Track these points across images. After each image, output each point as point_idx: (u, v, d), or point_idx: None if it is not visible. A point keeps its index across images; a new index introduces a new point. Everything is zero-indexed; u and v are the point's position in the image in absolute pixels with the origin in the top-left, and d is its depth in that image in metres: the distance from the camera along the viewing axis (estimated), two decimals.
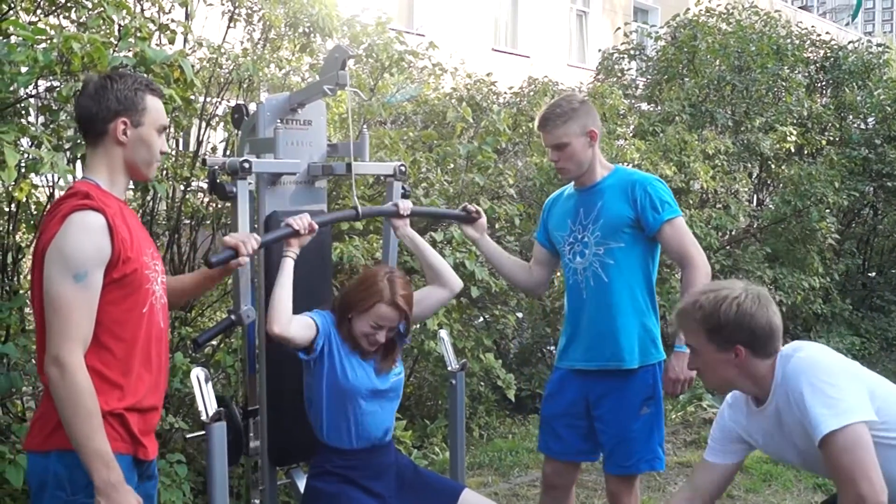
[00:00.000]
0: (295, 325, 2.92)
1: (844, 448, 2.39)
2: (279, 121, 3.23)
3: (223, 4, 4.91)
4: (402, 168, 3.44)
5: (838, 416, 2.41)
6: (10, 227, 3.99)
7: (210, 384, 2.74)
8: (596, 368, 3.44)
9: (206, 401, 2.71)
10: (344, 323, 3.05)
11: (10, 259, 4.04)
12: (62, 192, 2.79)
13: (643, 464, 3.42)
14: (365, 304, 3.01)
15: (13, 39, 3.12)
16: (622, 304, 3.39)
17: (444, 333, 3.59)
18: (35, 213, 3.98)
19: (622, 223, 3.37)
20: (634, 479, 3.49)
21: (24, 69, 3.04)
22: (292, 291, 2.96)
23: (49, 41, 3.09)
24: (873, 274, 10.44)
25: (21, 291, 3.90)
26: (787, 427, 2.60)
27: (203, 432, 2.73)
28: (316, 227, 3.02)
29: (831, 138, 9.46)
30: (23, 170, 3.21)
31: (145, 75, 3.08)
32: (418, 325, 5.27)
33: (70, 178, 3.15)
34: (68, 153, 3.47)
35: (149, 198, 4.43)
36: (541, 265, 3.72)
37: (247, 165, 3.00)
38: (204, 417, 2.69)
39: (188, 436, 3.30)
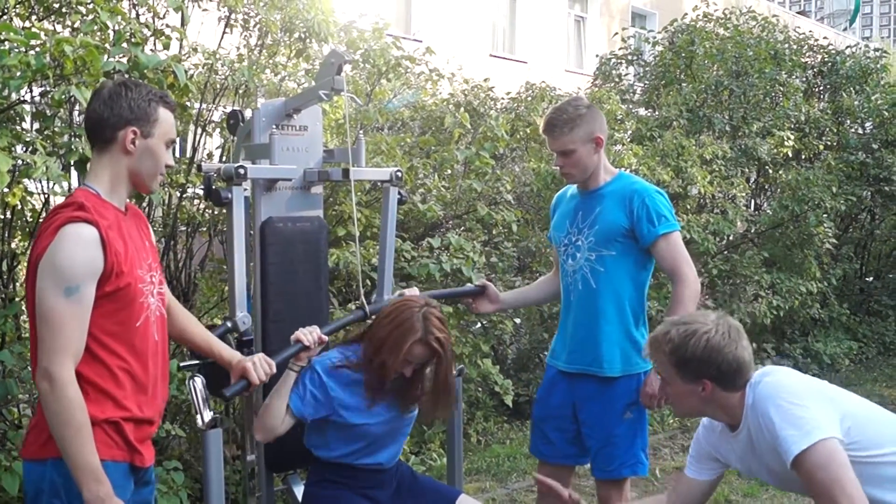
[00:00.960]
0: (282, 429, 2.92)
1: (817, 465, 2.39)
2: (275, 126, 3.23)
3: (219, 10, 4.90)
4: (399, 173, 3.45)
5: (807, 436, 2.41)
6: (6, 235, 3.97)
7: (205, 391, 2.73)
8: (578, 372, 3.46)
9: (202, 407, 2.70)
10: (377, 367, 2.94)
11: (5, 266, 4.03)
12: (57, 198, 2.79)
13: (625, 468, 3.41)
14: (400, 346, 2.90)
15: (6, 45, 3.10)
16: (608, 312, 3.38)
17: None
18: (30, 220, 3.97)
19: (616, 232, 3.36)
20: (623, 484, 3.47)
21: (17, 74, 3.02)
22: (287, 298, 2.96)
23: (41, 45, 3.07)
24: (871, 278, 10.43)
25: (17, 299, 3.89)
26: (760, 451, 2.61)
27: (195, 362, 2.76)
28: (325, 339, 2.97)
29: (829, 143, 9.46)
30: (16, 175, 3.20)
31: (160, 89, 3.06)
32: None
33: (64, 184, 3.14)
34: (61, 159, 3.47)
35: (144, 204, 4.42)
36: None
37: (242, 171, 2.99)
38: (200, 424, 2.68)
39: (181, 364, 3.17)
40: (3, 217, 3.93)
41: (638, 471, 3.44)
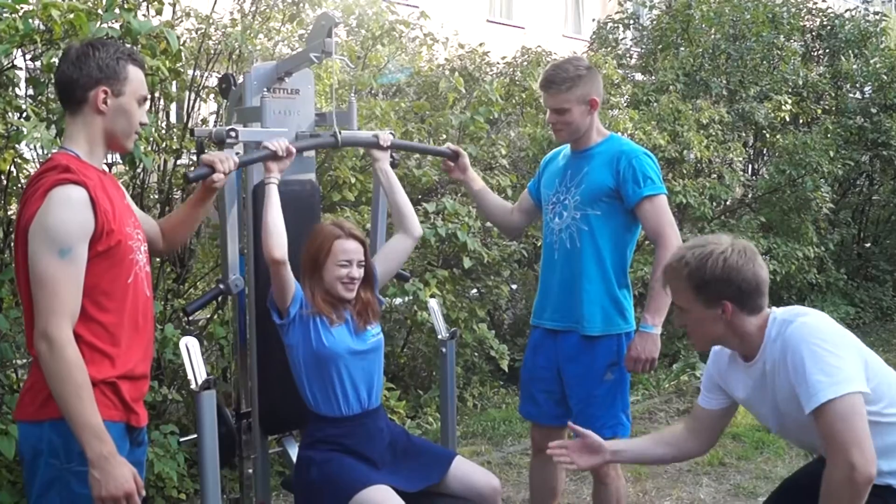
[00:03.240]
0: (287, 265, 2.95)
1: (840, 416, 2.39)
2: (266, 90, 3.22)
3: None
4: (391, 135, 3.44)
5: (836, 385, 2.40)
6: (2, 201, 3.98)
7: (199, 353, 2.75)
8: (561, 329, 3.49)
9: (196, 369, 2.72)
10: (313, 284, 3.06)
11: (1, 233, 4.03)
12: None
13: (606, 430, 3.40)
14: (324, 248, 3.04)
15: None
16: (590, 271, 3.39)
17: (433, 303, 3.60)
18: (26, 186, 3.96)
19: (602, 192, 3.36)
20: None
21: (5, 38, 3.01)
22: None
23: (30, 10, 3.06)
24: (868, 244, 10.44)
25: (11, 264, 3.89)
26: (775, 388, 2.60)
27: (195, 436, 2.76)
28: (294, 150, 3.03)
29: (827, 107, 9.42)
30: (8, 140, 3.19)
31: (129, 45, 3.05)
32: (411, 296, 5.29)
33: (55, 149, 3.12)
34: (55, 125, 3.45)
35: (139, 170, 4.42)
36: (522, 212, 3.80)
37: (233, 134, 2.99)
38: (193, 386, 2.70)
39: (182, 440, 3.31)
40: None
41: (619, 432, 3.45)
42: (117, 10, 3.39)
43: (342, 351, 3.03)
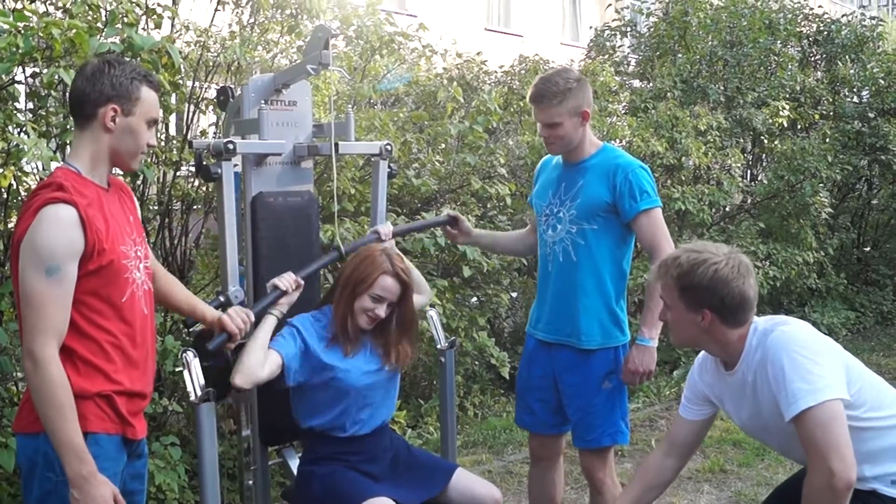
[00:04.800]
0: (258, 380, 2.88)
1: (819, 423, 2.41)
2: (264, 102, 3.24)
3: None
4: (388, 147, 3.46)
5: (816, 393, 2.43)
6: (3, 215, 3.99)
7: (199, 365, 2.76)
8: (556, 342, 3.49)
9: (195, 381, 2.73)
10: (343, 303, 3.03)
11: (1, 246, 4.04)
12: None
13: (605, 437, 3.43)
14: (369, 279, 3.01)
15: None
16: (587, 285, 3.40)
17: (432, 312, 3.61)
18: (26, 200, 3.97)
19: (598, 206, 3.36)
20: (606, 453, 3.50)
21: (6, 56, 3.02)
22: (279, 272, 2.98)
23: (30, 28, 3.07)
24: (868, 248, 10.44)
25: (10, 278, 3.90)
26: (757, 397, 2.62)
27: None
28: (301, 283, 3.03)
29: (825, 112, 9.44)
30: (8, 158, 3.20)
31: (145, 68, 3.06)
32: None
33: (55, 165, 3.13)
34: (56, 139, 3.47)
35: (138, 182, 4.43)
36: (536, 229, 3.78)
37: (231, 146, 3.01)
38: (193, 398, 2.71)
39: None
40: None
41: (618, 439, 3.47)
42: (119, 26, 3.40)
43: (359, 384, 3.04)
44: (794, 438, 2.50)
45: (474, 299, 6.13)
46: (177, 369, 3.93)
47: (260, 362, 2.85)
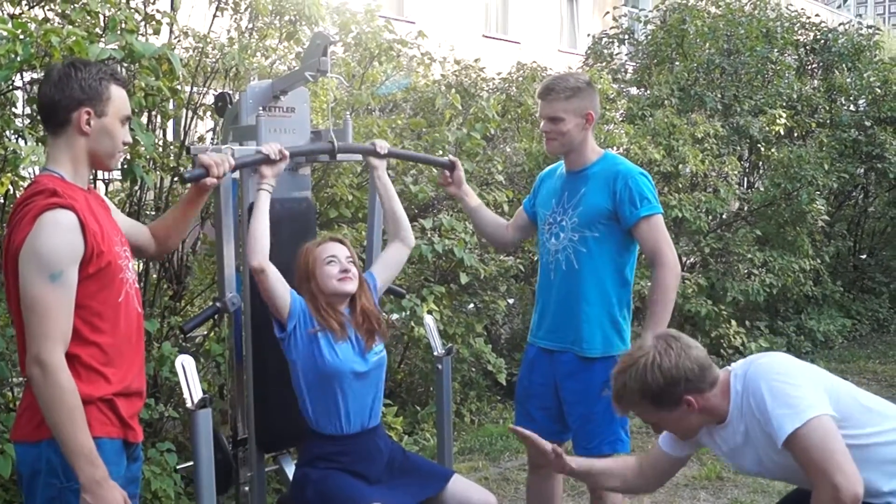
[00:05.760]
0: (274, 271, 2.93)
1: (811, 442, 2.39)
2: (262, 108, 3.24)
3: None
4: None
5: (800, 414, 2.41)
6: (0, 222, 3.99)
7: (195, 371, 2.76)
8: (558, 349, 3.49)
9: (192, 388, 2.72)
10: (313, 296, 3.06)
11: None
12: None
13: (605, 445, 3.43)
14: (308, 258, 3.07)
15: None
16: (589, 294, 3.40)
17: (429, 319, 3.61)
18: None
19: (600, 214, 3.37)
20: None
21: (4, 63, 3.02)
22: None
23: (29, 35, 3.07)
24: (864, 256, 10.46)
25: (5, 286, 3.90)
26: (751, 438, 2.59)
27: (191, 463, 2.77)
28: (287, 154, 3.04)
29: (821, 121, 9.45)
30: (5, 165, 3.20)
31: (110, 65, 3.05)
32: (408, 312, 5.30)
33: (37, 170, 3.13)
34: None
35: (136, 188, 4.43)
36: (517, 229, 3.82)
37: (228, 153, 3.00)
38: (189, 404, 2.71)
39: (179, 466, 3.28)
40: None
41: (618, 448, 3.46)
42: (118, 32, 3.40)
43: (345, 369, 3.03)
44: (797, 467, 2.47)
45: (471, 306, 6.13)
46: (174, 376, 3.92)
47: (267, 240, 2.91)
